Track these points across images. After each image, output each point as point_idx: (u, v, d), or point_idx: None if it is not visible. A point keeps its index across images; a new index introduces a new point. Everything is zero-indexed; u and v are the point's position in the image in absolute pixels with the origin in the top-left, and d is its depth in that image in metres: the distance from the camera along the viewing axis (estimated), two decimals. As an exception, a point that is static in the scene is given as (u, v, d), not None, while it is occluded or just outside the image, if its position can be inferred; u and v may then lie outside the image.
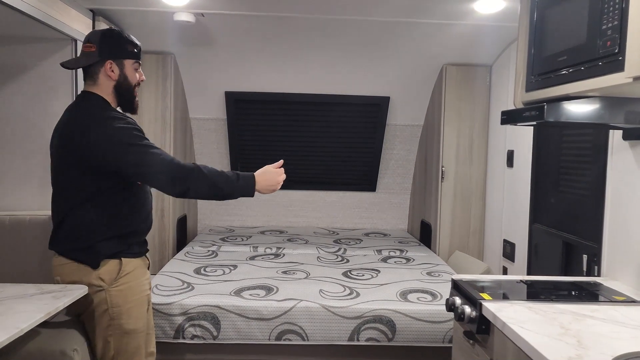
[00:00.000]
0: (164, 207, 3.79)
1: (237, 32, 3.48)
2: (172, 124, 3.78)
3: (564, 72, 1.63)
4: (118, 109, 1.97)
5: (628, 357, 1.27)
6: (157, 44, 3.63)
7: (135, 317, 1.91)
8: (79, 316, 1.93)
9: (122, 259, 1.89)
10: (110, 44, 1.91)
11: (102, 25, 2.97)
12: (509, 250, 3.29)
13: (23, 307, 1.66)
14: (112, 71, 1.90)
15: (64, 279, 1.89)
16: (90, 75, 1.92)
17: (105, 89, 1.92)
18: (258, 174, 1.95)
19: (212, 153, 4.51)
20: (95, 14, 2.96)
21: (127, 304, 1.89)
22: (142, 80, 2.00)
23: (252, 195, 1.93)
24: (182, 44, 3.65)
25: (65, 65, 1.99)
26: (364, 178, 4.63)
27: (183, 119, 4.13)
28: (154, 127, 3.74)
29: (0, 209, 2.71)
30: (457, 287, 1.95)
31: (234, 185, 1.88)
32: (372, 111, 4.31)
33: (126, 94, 1.94)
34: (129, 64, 1.93)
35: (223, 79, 4.06)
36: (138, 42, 1.99)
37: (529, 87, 1.87)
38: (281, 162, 2.03)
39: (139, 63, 1.98)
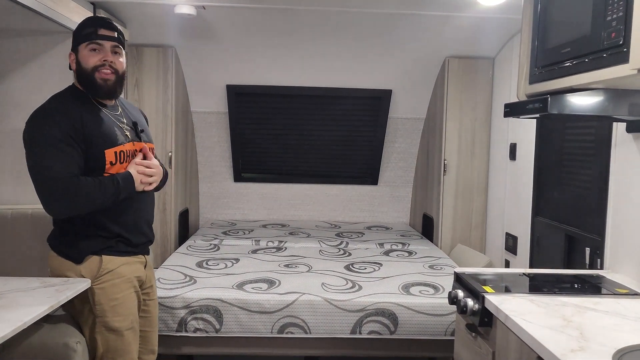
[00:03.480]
0: (165, 200, 3.78)
1: (239, 25, 3.46)
2: (174, 117, 3.78)
3: (567, 64, 1.62)
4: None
5: (630, 350, 1.27)
6: (158, 36, 3.62)
7: (121, 315, 1.87)
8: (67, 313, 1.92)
9: (103, 256, 1.86)
10: (73, 36, 1.91)
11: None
12: (511, 244, 3.29)
13: (26, 300, 1.66)
14: (73, 61, 1.90)
15: (52, 272, 1.90)
16: None
17: (77, 79, 1.92)
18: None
19: (214, 147, 4.50)
20: (95, 6, 2.95)
21: (111, 302, 1.85)
22: (105, 60, 1.85)
23: (134, 192, 1.87)
24: (183, 37, 3.64)
25: None
26: (365, 171, 4.62)
27: (184, 112, 4.12)
28: (155, 121, 3.71)
29: (3, 203, 2.71)
30: (460, 280, 1.96)
31: (114, 188, 1.80)
32: (374, 104, 4.30)
33: (84, 80, 1.87)
34: (82, 48, 1.87)
35: (224, 72, 4.05)
36: (94, 19, 1.94)
37: (533, 80, 1.86)
38: (141, 155, 1.94)
39: (97, 43, 1.85)
